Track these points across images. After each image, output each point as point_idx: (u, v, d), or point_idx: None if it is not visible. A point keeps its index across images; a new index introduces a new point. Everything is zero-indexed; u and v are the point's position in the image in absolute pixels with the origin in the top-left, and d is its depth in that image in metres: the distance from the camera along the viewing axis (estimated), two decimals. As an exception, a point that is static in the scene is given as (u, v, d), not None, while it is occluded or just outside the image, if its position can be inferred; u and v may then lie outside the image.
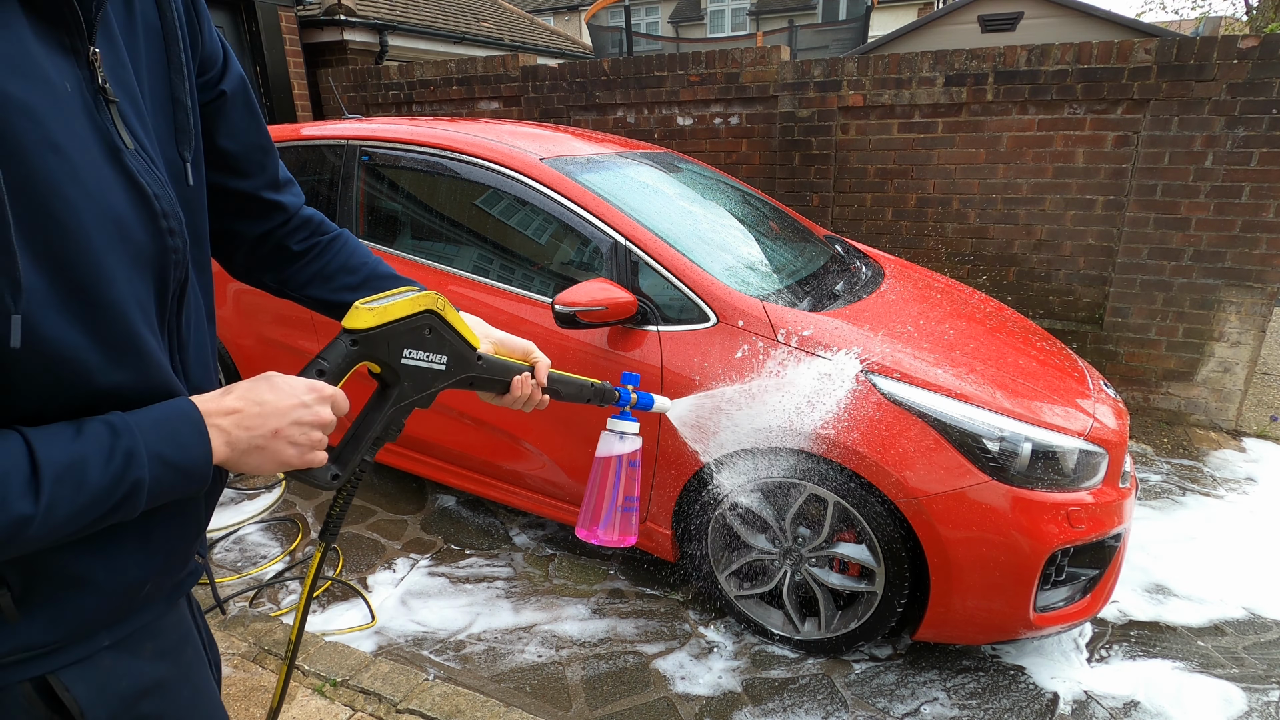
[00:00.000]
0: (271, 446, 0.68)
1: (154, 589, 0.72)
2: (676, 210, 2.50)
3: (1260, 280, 3.49)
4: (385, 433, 0.86)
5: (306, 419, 0.70)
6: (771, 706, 1.96)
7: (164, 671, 0.75)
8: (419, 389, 0.87)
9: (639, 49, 11.45)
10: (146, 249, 0.63)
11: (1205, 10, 17.00)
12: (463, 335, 0.91)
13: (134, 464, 0.58)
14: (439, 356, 0.88)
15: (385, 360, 0.83)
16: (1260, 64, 3.23)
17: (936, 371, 1.95)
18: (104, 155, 0.59)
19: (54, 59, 0.56)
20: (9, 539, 0.53)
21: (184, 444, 0.62)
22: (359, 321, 0.80)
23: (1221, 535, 2.77)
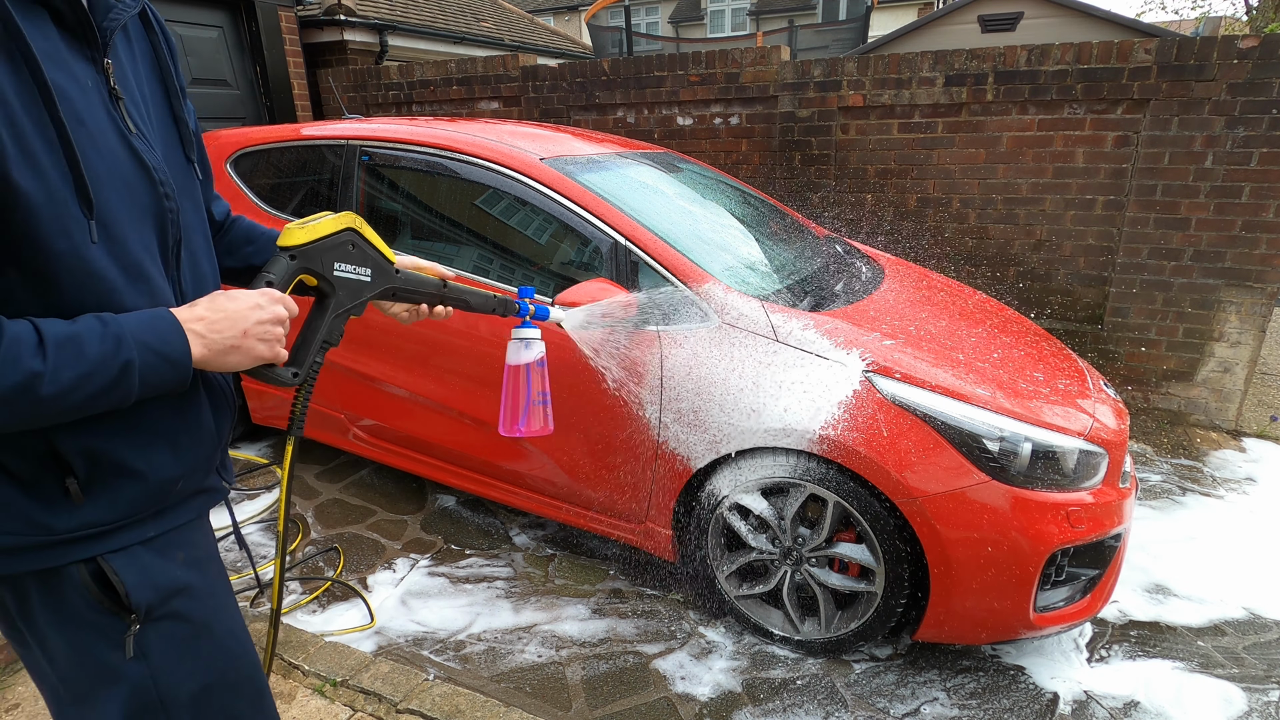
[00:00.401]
0: (245, 344, 0.83)
1: (184, 488, 0.89)
2: (676, 210, 2.50)
3: (1260, 280, 3.49)
4: (330, 337, 1.01)
5: (266, 318, 0.85)
6: (771, 706, 1.96)
7: (193, 578, 0.91)
8: (351, 298, 1.03)
9: (639, 49, 11.45)
10: (150, 207, 0.82)
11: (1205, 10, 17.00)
12: (381, 251, 1.06)
13: (123, 346, 0.72)
14: (364, 269, 1.04)
15: (320, 272, 0.98)
16: (1260, 64, 3.23)
17: (936, 371, 1.95)
18: (117, 136, 0.78)
19: (79, 62, 0.76)
20: (24, 393, 0.67)
21: (165, 337, 0.76)
22: (293, 239, 0.95)
23: (1221, 535, 2.77)
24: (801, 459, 1.97)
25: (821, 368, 1.97)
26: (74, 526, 0.78)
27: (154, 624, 0.86)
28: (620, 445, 2.20)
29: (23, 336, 0.67)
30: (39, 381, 0.67)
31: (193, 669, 0.91)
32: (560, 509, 2.44)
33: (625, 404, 2.15)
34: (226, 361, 0.82)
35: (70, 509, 0.78)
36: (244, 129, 3.08)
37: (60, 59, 0.73)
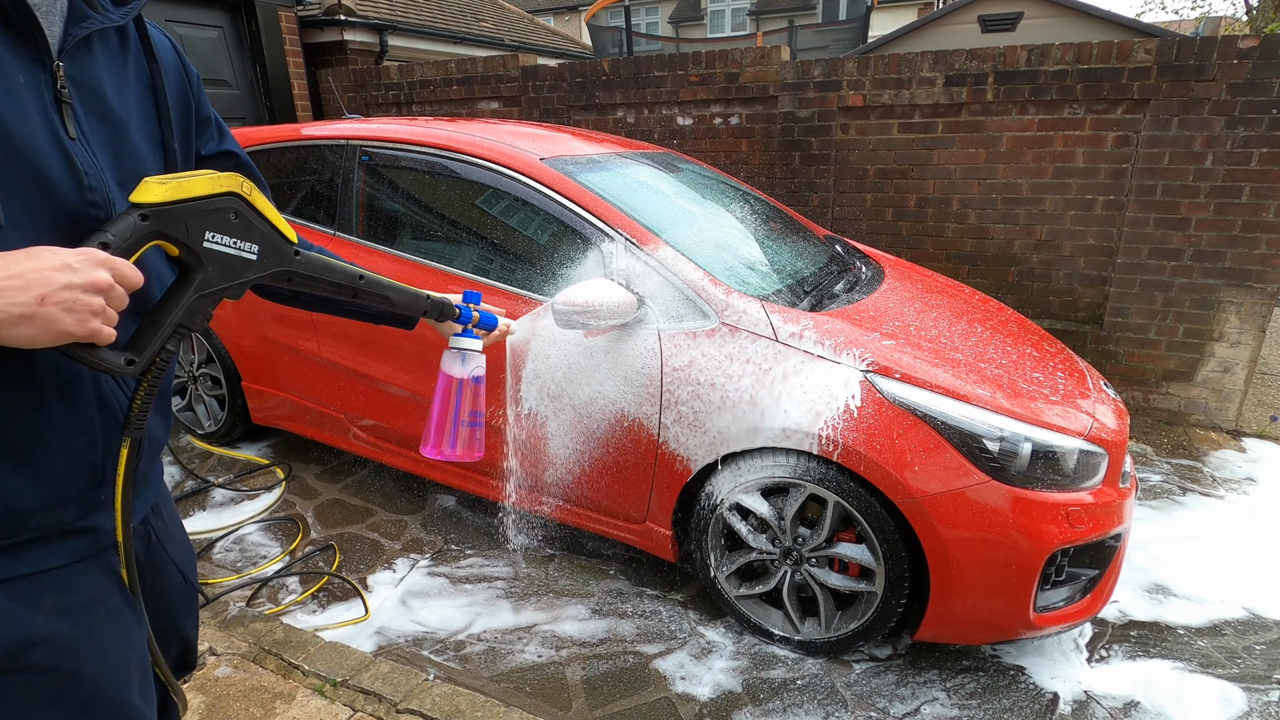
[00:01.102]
0: (41, 314, 0.65)
1: (43, 524, 0.76)
2: (676, 210, 2.50)
3: (1260, 280, 3.49)
4: (190, 321, 0.82)
5: (77, 282, 0.67)
6: (771, 707, 1.96)
7: (62, 628, 0.78)
8: (226, 277, 0.83)
9: (639, 49, 11.45)
10: (68, 208, 0.75)
11: (1205, 10, 17.00)
12: (275, 225, 0.87)
13: None
14: (249, 245, 0.84)
15: (183, 241, 0.79)
16: (1260, 64, 3.23)
17: (936, 371, 1.95)
18: (47, 134, 0.74)
19: (17, 59, 0.73)
20: None
21: None
22: (148, 195, 0.77)
23: (1221, 535, 2.77)
24: (801, 459, 1.97)
25: (821, 368, 1.97)
26: None
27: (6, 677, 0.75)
28: (620, 446, 2.20)
29: None
30: None
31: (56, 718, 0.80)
32: (562, 509, 2.44)
33: (625, 404, 2.15)
34: (16, 333, 0.65)
35: None
36: (244, 129, 3.08)
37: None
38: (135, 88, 0.86)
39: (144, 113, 0.87)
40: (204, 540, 2.68)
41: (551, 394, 2.26)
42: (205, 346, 3.18)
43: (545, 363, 2.25)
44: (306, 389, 2.88)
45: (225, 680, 1.95)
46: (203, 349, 3.20)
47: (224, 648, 2.06)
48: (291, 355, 2.84)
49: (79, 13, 0.78)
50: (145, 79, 0.88)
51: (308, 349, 2.76)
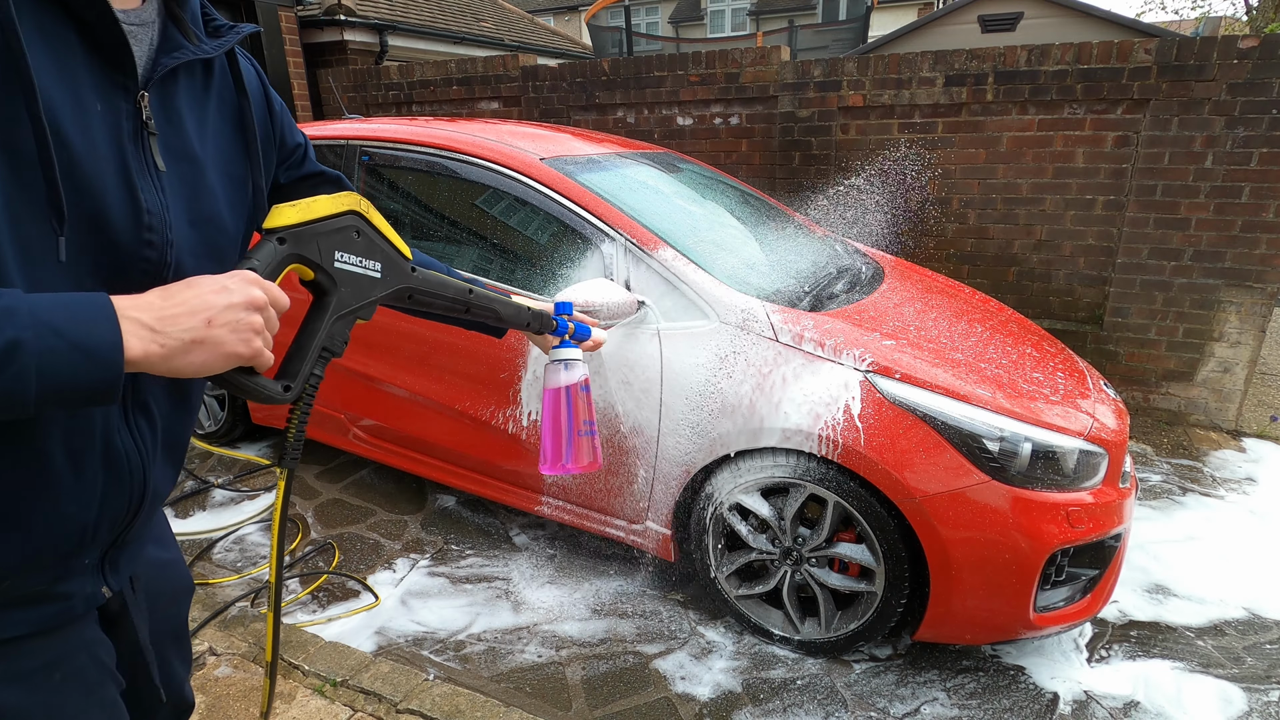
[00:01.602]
0: (211, 337, 0.64)
1: (13, 588, 0.69)
2: (676, 210, 2.50)
3: (1260, 280, 3.49)
4: (332, 343, 0.83)
5: (236, 301, 0.66)
6: (771, 707, 1.96)
7: (13, 698, 0.71)
8: (357, 297, 0.84)
9: (639, 49, 11.45)
10: (119, 246, 0.69)
11: (1205, 10, 17.00)
12: (393, 243, 0.88)
13: (12, 320, 0.54)
14: (373, 263, 0.85)
15: (317, 262, 0.80)
16: (1260, 64, 3.23)
17: (936, 371, 1.95)
18: (115, 166, 0.68)
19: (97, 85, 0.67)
20: None
21: (83, 319, 0.58)
22: (282, 219, 0.77)
23: (1221, 535, 2.77)
24: (801, 459, 1.97)
25: (821, 368, 1.97)
26: None
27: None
28: (620, 446, 2.20)
29: None
30: None
31: None
32: (561, 509, 2.44)
33: (625, 404, 2.15)
34: (189, 361, 0.64)
35: None
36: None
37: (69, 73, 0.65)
38: (216, 122, 0.82)
39: (225, 149, 0.82)
40: (204, 540, 2.68)
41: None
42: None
43: (544, 362, 2.24)
44: (306, 389, 2.88)
45: (225, 680, 1.95)
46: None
47: (224, 648, 2.06)
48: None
49: (172, 42, 0.73)
50: (230, 113, 0.83)
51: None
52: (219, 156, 0.81)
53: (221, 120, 0.81)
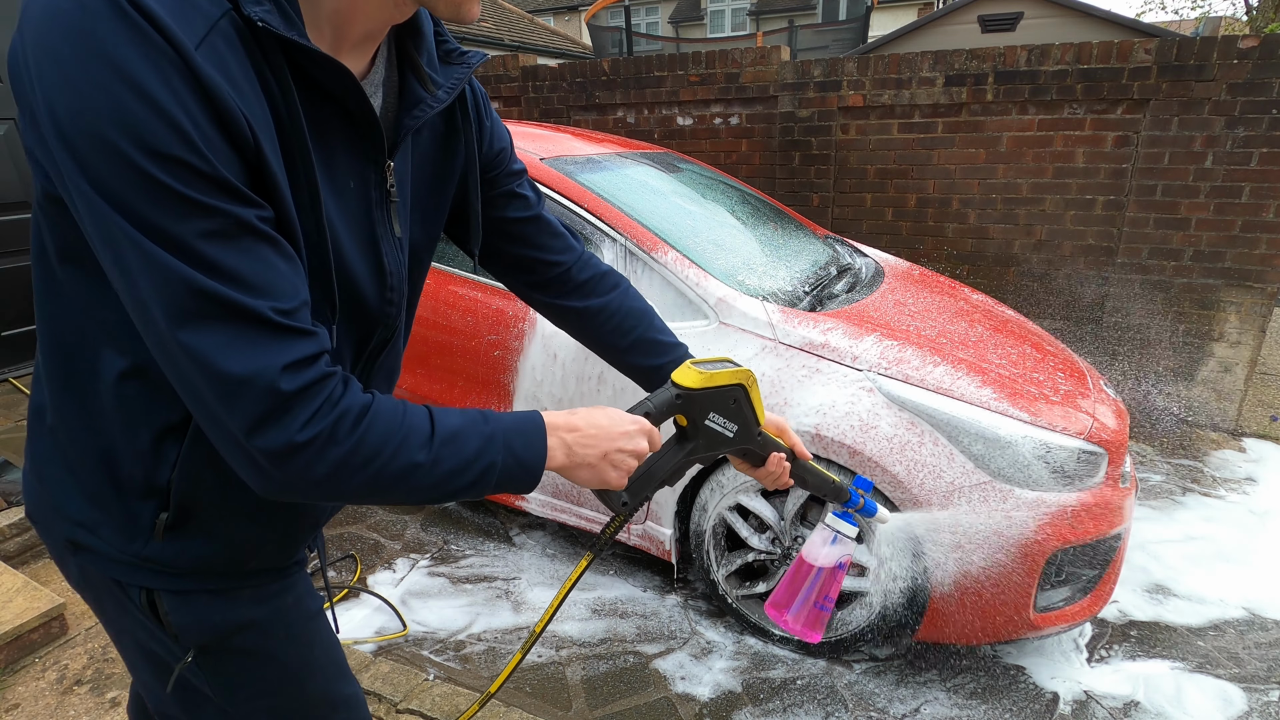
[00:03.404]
0: (600, 466, 0.81)
1: (258, 566, 0.85)
2: (676, 210, 2.50)
3: (1260, 280, 3.49)
4: (670, 478, 0.95)
5: (629, 447, 0.83)
6: (771, 707, 1.96)
7: (259, 613, 0.86)
8: (708, 448, 0.96)
9: (639, 49, 11.45)
10: (372, 311, 0.79)
11: (1205, 10, 17.00)
12: (756, 412, 0.98)
13: (492, 447, 0.72)
14: (732, 425, 0.96)
15: (694, 418, 0.93)
16: (1260, 64, 3.23)
17: (936, 371, 1.95)
18: (367, 236, 0.75)
19: (351, 163, 0.72)
20: (400, 479, 0.67)
21: (530, 444, 0.76)
22: (687, 380, 0.91)
23: (1221, 535, 2.77)
24: (801, 459, 1.96)
25: (820, 367, 1.97)
26: (143, 555, 0.78)
27: (210, 656, 0.84)
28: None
29: (419, 427, 0.69)
30: (417, 472, 0.68)
31: (256, 693, 0.90)
32: (561, 510, 2.44)
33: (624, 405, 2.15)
34: (577, 475, 0.82)
35: (147, 539, 0.78)
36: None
37: (330, 159, 0.70)
38: (440, 161, 0.85)
39: (436, 175, 0.85)
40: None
41: (552, 394, 2.26)
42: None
43: (543, 362, 2.25)
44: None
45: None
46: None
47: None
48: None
49: (411, 97, 0.75)
50: (457, 149, 0.86)
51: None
52: (430, 185, 0.85)
53: (449, 161, 0.86)
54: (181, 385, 0.62)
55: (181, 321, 0.58)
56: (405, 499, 0.71)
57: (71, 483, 0.78)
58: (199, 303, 0.58)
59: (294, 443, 0.61)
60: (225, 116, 0.57)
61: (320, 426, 0.62)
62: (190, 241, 0.57)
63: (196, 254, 0.57)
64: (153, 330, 0.60)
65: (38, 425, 0.81)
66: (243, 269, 0.59)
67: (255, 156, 0.60)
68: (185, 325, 0.58)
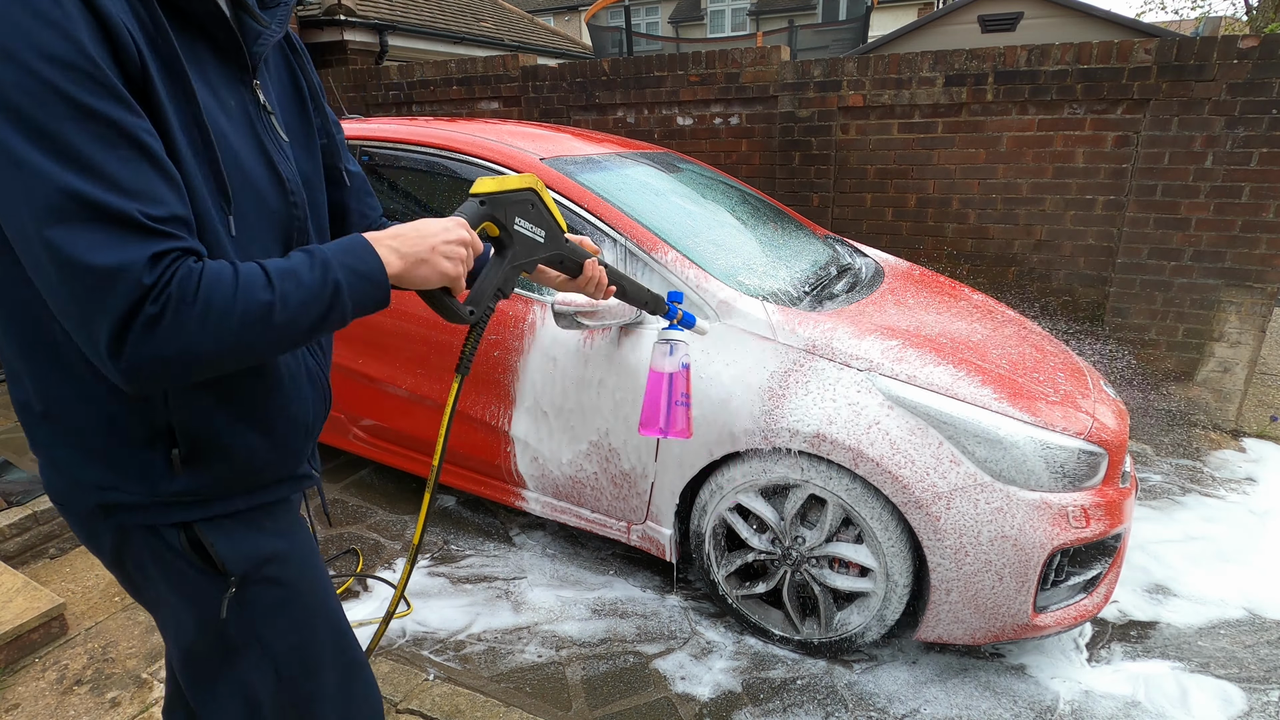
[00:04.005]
0: (433, 259, 0.90)
1: (272, 475, 0.96)
2: (676, 210, 2.50)
3: (1260, 280, 3.49)
4: (504, 286, 1.08)
5: (451, 238, 0.92)
6: (771, 707, 1.96)
7: (282, 546, 0.99)
8: (526, 254, 1.10)
9: (639, 49, 11.45)
10: (279, 214, 0.90)
11: (1205, 10, 17.00)
12: (555, 218, 1.13)
13: (330, 270, 0.80)
14: (539, 230, 1.11)
15: (503, 223, 1.06)
16: (1260, 64, 3.23)
17: (936, 371, 1.95)
18: (256, 149, 0.87)
19: (229, 84, 0.85)
20: (262, 321, 0.74)
21: (362, 258, 0.84)
22: (484, 187, 1.04)
23: (1221, 535, 2.77)
24: (801, 459, 1.97)
25: (821, 367, 1.97)
26: (171, 492, 0.87)
27: (251, 587, 0.95)
28: (620, 447, 2.20)
29: (254, 273, 0.76)
30: (272, 310, 0.75)
31: (288, 626, 1.00)
32: (561, 510, 2.44)
33: (626, 405, 2.15)
34: (418, 273, 0.89)
35: (170, 476, 0.87)
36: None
37: (215, 87, 0.82)
38: (292, 91, 1.00)
39: (293, 105, 0.99)
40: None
41: (551, 394, 2.26)
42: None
43: (544, 363, 2.25)
44: (306, 389, 2.88)
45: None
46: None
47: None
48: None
49: (249, 30, 0.87)
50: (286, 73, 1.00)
51: (308, 349, 2.76)
52: (294, 113, 0.98)
53: (286, 83, 0.99)
54: (47, 287, 0.67)
55: (51, 221, 0.63)
56: (279, 344, 0.78)
57: (82, 454, 0.85)
58: (71, 203, 0.63)
59: (150, 315, 0.67)
60: (112, 32, 0.65)
61: (168, 294, 0.68)
62: (74, 144, 0.63)
63: (77, 156, 0.63)
64: (21, 235, 0.65)
65: (29, 418, 0.87)
66: (119, 175, 0.65)
67: (140, 71, 0.68)
68: (55, 225, 0.63)
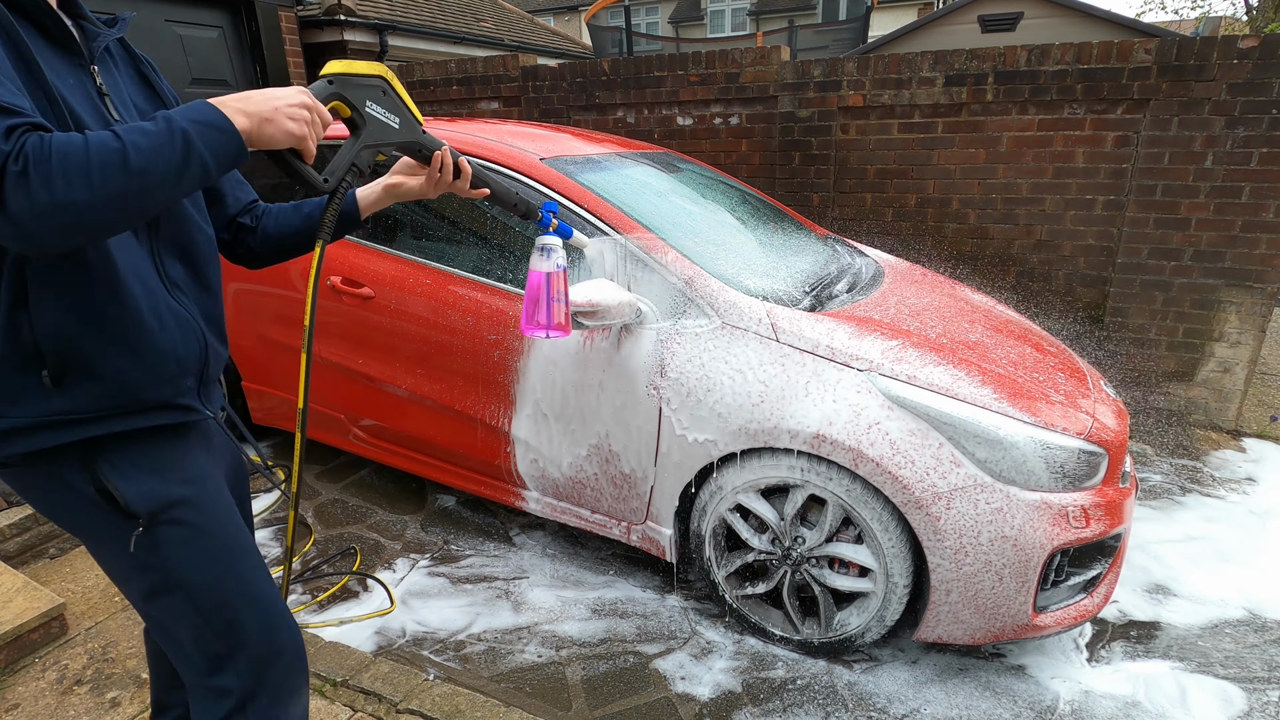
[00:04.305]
0: (277, 118, 0.98)
1: (152, 397, 1.05)
2: (676, 210, 2.50)
3: (1260, 280, 3.49)
4: (359, 161, 1.17)
5: (294, 101, 1.00)
6: (771, 706, 1.96)
7: (189, 492, 1.10)
8: (379, 137, 1.18)
9: (639, 49, 11.45)
10: None
11: (1205, 10, 17.00)
12: (411, 109, 1.22)
13: (173, 123, 0.88)
14: (394, 117, 1.19)
15: (353, 103, 1.14)
16: (1260, 64, 3.23)
17: (936, 371, 1.95)
18: (100, 121, 0.99)
19: (69, 68, 0.98)
20: (122, 167, 0.82)
21: (203, 111, 0.91)
22: (332, 68, 1.12)
23: (1221, 535, 2.77)
24: (802, 459, 1.97)
25: (821, 368, 1.97)
26: (53, 411, 0.98)
27: (159, 527, 1.07)
28: (620, 446, 2.20)
29: (101, 133, 0.84)
30: (125, 156, 0.82)
31: (197, 563, 1.10)
32: (561, 510, 2.44)
33: (627, 405, 2.15)
34: (265, 131, 0.97)
35: (46, 396, 0.98)
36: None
37: (54, 65, 0.95)
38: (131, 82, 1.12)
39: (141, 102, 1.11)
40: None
41: (552, 393, 2.26)
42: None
43: (544, 362, 2.25)
44: (306, 389, 2.88)
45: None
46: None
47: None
48: (291, 355, 2.84)
49: (89, 31, 1.04)
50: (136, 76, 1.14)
51: (308, 349, 2.76)
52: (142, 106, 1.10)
53: (133, 83, 1.12)
54: None
55: None
56: (149, 191, 0.85)
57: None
58: None
59: (15, 173, 0.77)
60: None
61: (25, 154, 0.78)
62: None
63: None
64: None
65: None
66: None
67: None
68: None
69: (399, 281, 2.49)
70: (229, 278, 2.89)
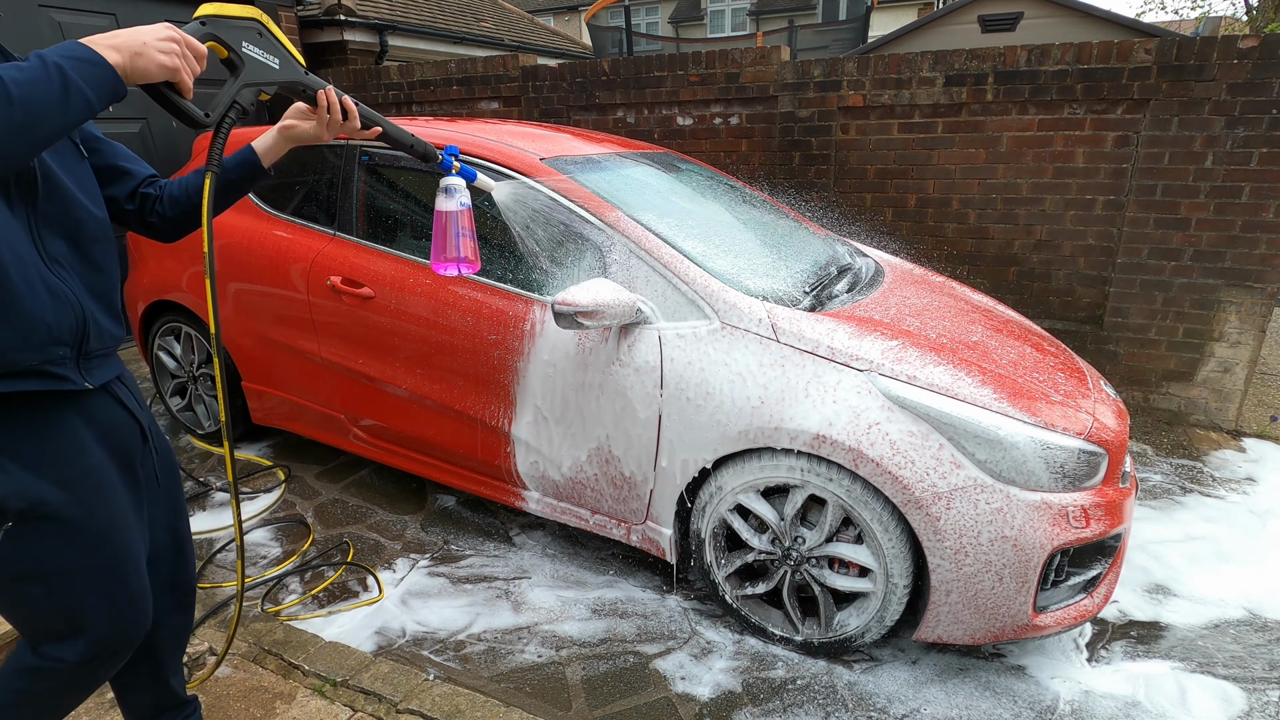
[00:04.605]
0: (148, 52, 1.02)
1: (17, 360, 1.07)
2: (676, 210, 2.50)
3: (1260, 280, 3.49)
4: (241, 98, 1.23)
5: (162, 35, 1.05)
6: (771, 707, 1.96)
7: (64, 494, 1.13)
8: (259, 77, 1.24)
9: (639, 49, 11.45)
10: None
11: (1205, 10, 17.00)
12: (290, 51, 1.27)
13: (45, 59, 0.93)
14: (273, 58, 1.25)
15: (229, 44, 1.19)
16: (1260, 64, 3.23)
17: (936, 371, 1.95)
18: None
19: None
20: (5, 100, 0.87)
21: (74, 48, 0.96)
22: (204, 10, 1.17)
23: (1221, 535, 2.77)
24: (802, 459, 1.97)
25: (821, 368, 1.97)
26: None
27: (30, 522, 1.11)
28: (620, 447, 2.20)
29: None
30: (5, 87, 0.88)
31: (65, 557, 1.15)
32: (561, 511, 2.44)
33: (627, 405, 2.15)
34: (137, 65, 1.02)
35: None
36: (243, 129, 3.07)
37: None
38: None
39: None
40: (202, 540, 2.68)
41: (551, 394, 2.26)
42: (205, 346, 3.18)
43: (544, 362, 2.25)
44: (306, 389, 2.88)
45: (225, 680, 1.95)
46: (202, 349, 3.20)
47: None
48: (291, 355, 2.84)
49: None
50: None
51: (307, 349, 2.76)
52: None
53: None
54: None
55: None
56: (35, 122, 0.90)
57: None
58: None
59: None
60: None
61: None
62: None
63: None
64: None
65: None
66: None
67: None
68: None
69: (399, 281, 2.49)
70: (229, 278, 2.89)
